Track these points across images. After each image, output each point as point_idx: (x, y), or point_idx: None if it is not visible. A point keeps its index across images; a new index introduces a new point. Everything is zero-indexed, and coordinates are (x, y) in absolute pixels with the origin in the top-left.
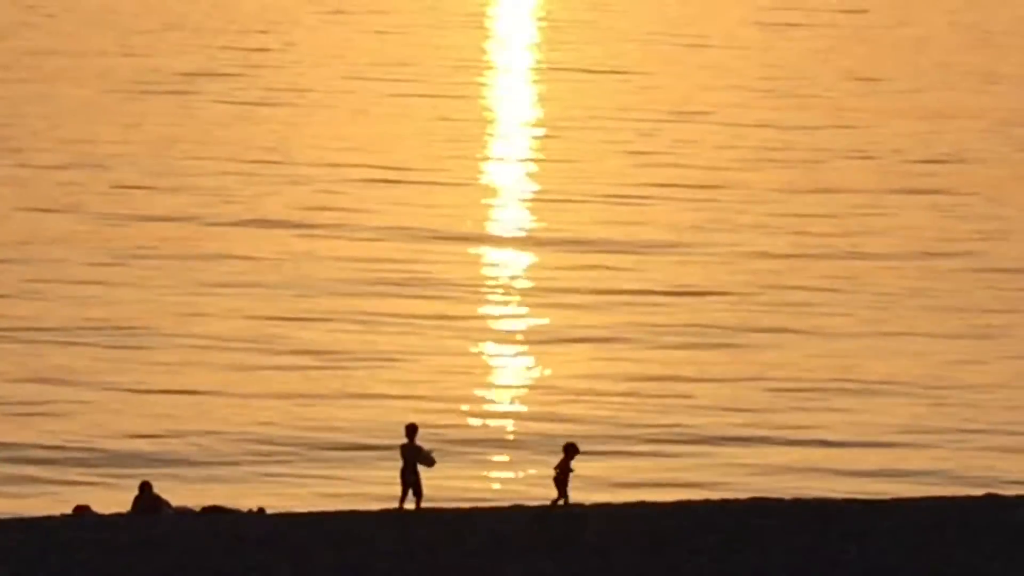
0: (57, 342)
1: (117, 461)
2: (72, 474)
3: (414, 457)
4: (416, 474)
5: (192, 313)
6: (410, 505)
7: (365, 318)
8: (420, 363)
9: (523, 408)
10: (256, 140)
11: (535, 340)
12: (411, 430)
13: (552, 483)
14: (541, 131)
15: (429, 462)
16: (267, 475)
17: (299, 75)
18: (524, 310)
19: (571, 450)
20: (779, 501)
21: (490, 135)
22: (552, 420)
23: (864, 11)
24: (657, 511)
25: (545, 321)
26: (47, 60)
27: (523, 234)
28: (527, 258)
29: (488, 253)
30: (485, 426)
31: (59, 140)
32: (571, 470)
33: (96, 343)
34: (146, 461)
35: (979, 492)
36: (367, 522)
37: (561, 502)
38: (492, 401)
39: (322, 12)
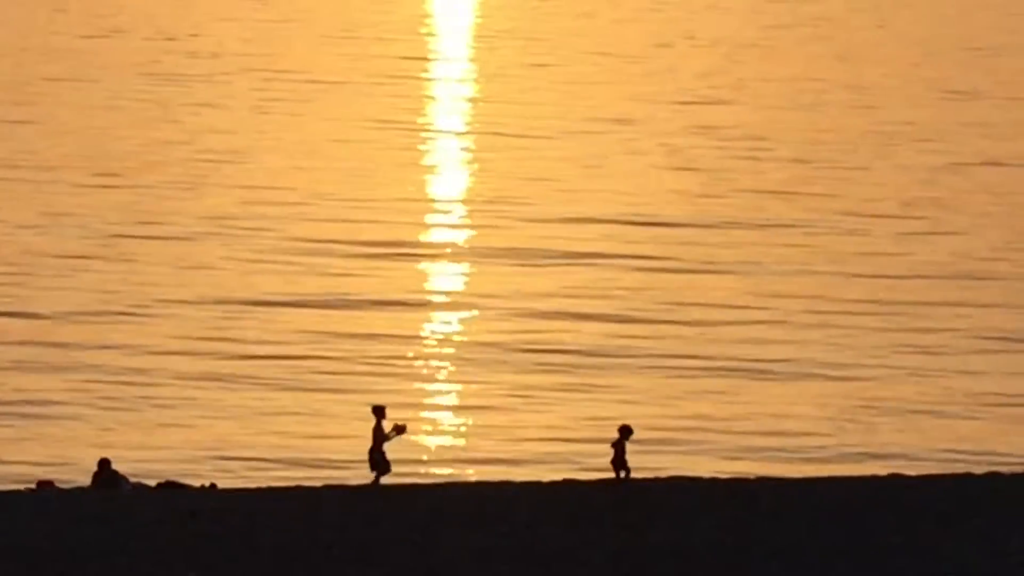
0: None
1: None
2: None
3: (381, 438)
4: (381, 452)
5: (135, 324)
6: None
7: (309, 333)
8: (364, 378)
9: (468, 419)
10: (185, 148)
11: (476, 352)
12: (377, 411)
13: (610, 465)
14: (475, 140)
15: (401, 431)
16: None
17: (230, 81)
18: (465, 322)
19: (625, 431)
20: (697, 479)
21: (424, 144)
22: (491, 428)
23: (796, 25)
24: (583, 489)
25: (485, 333)
26: None
27: (458, 245)
28: (464, 270)
29: (425, 265)
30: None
31: None
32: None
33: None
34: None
35: (885, 472)
36: (314, 497)
37: (623, 474)
38: (439, 420)
39: (263, 20)
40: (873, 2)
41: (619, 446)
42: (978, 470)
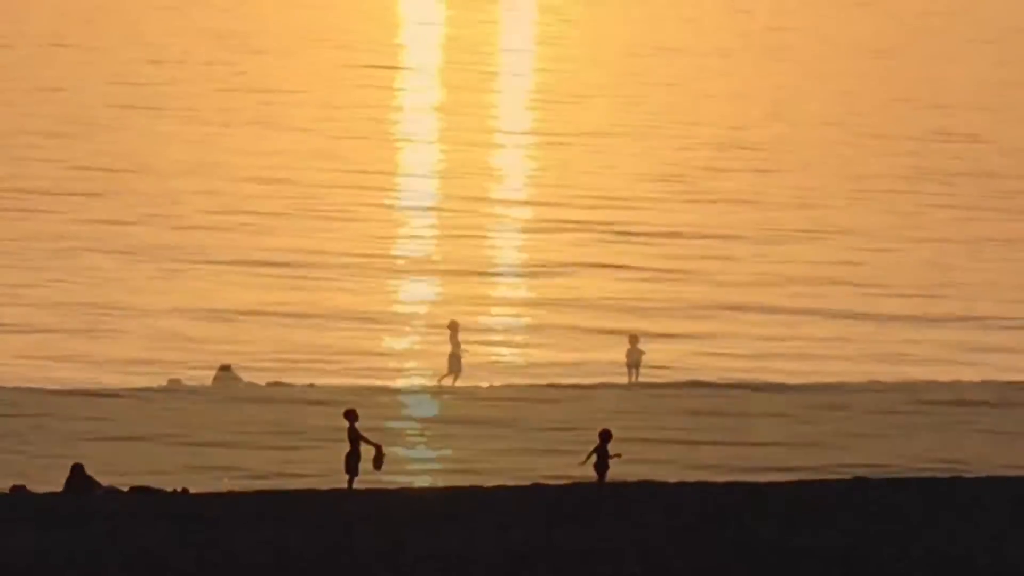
0: None
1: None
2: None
3: (358, 438)
4: (357, 454)
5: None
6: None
7: (276, 344)
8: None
9: (437, 429)
10: (149, 158)
11: (444, 363)
12: (350, 415)
13: (593, 469)
14: (443, 149)
15: (378, 464)
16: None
17: (195, 92)
18: (434, 334)
19: (606, 436)
20: (664, 484)
21: (392, 154)
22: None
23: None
24: (551, 491)
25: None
26: None
27: (426, 256)
28: (432, 280)
29: (393, 277)
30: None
31: None
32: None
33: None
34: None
35: (848, 476)
36: (286, 500)
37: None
38: (408, 430)
39: (230, 30)
40: (839, 12)
41: (601, 450)
42: (941, 476)
